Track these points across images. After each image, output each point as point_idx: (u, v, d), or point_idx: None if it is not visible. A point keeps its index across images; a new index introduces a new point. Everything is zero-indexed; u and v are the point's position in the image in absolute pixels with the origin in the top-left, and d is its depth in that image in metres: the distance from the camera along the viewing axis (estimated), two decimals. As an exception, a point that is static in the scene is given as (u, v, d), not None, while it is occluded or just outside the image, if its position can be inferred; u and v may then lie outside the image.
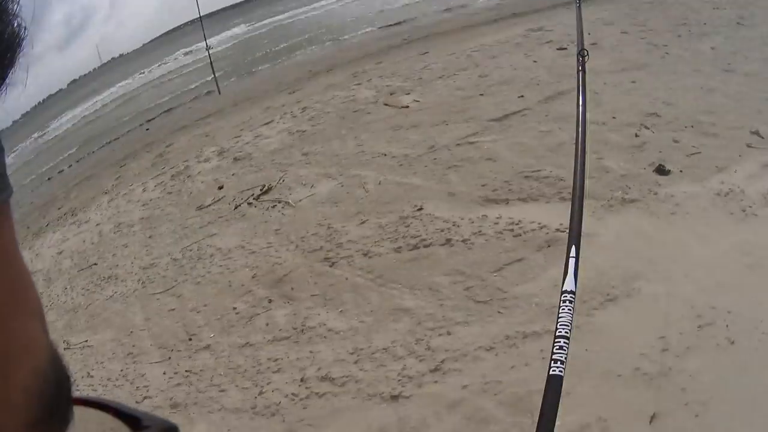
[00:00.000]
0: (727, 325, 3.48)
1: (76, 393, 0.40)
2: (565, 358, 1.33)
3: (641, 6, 14.00)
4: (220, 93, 15.31)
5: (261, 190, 6.41)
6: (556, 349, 1.36)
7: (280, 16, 37.98)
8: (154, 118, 16.32)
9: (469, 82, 8.20)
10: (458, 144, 6.09)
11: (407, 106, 7.65)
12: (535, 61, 8.82)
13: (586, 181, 4.88)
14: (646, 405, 3.13)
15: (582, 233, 4.34)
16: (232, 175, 7.31)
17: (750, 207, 4.56)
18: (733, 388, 3.17)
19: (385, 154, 6.23)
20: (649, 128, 5.90)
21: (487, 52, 10.01)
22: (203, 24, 17.74)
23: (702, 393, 3.15)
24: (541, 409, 1.28)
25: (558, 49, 9.50)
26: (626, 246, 4.23)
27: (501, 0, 16.74)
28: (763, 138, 5.65)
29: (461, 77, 8.57)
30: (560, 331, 1.39)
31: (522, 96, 7.17)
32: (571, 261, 1.55)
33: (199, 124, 11.71)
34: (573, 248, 1.58)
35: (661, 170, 5.13)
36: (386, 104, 7.95)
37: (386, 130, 6.97)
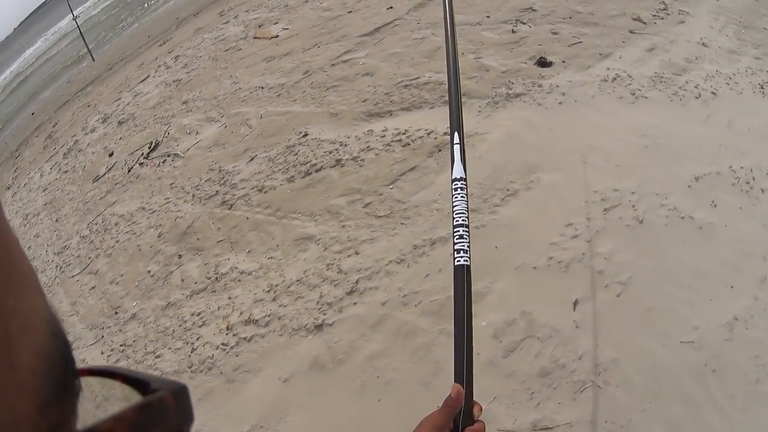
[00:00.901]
0: (633, 206, 3.52)
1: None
2: (468, 247, 1.25)
3: None
4: (94, 60, 14.48)
5: (149, 147, 6.02)
6: (457, 238, 1.27)
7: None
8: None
9: (336, 2, 7.87)
10: (333, 64, 5.83)
11: (277, 36, 7.27)
12: None
13: (468, 82, 4.79)
14: (567, 292, 3.13)
15: (470, 131, 4.24)
16: (120, 139, 6.86)
17: (639, 90, 4.58)
18: (649, 264, 3.22)
19: (262, 87, 5.91)
20: (525, 23, 5.78)
21: (352, -32, 9.66)
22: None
23: (620, 273, 3.17)
24: (454, 302, 1.19)
25: None
26: (518, 140, 4.15)
27: None
28: (645, 24, 5.68)
29: (328, -2, 8.19)
30: (457, 220, 1.30)
31: (391, 7, 6.91)
32: (456, 148, 1.46)
33: (79, 96, 11.07)
34: (456, 135, 1.48)
35: (542, 62, 5.06)
36: (256, 37, 7.54)
37: (260, 63, 6.62)
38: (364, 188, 4.07)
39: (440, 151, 4.20)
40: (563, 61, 5.04)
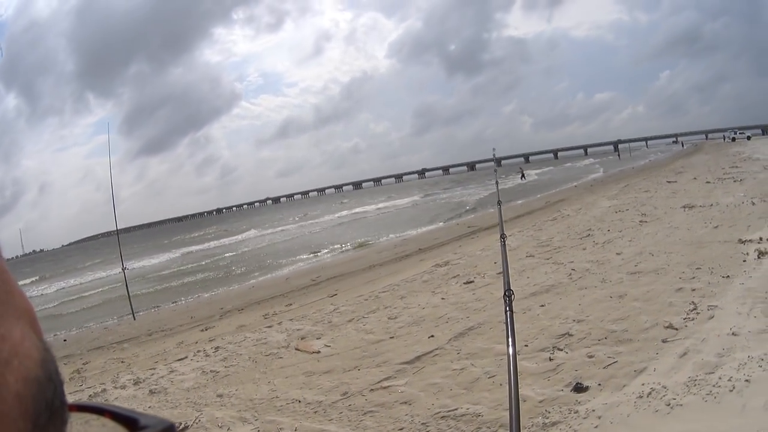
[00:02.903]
0: None
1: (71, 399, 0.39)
2: None
3: (544, 225, 14.85)
4: (135, 319, 14.76)
5: (179, 427, 5.96)
6: None
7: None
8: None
9: (378, 325, 8.24)
10: (372, 389, 5.94)
11: (318, 351, 7.52)
12: (443, 298, 9.02)
13: (504, 413, 4.87)
14: None
15: None
16: (149, 407, 6.78)
17: (674, 399, 4.59)
18: None
19: (299, 401, 5.96)
20: (562, 349, 5.97)
21: (395, 292, 10.25)
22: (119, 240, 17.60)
23: None
24: None
25: (465, 283, 9.79)
26: None
27: (407, 235, 17.47)
28: (677, 329, 5.85)
29: (371, 320, 8.62)
30: None
31: (432, 336, 7.21)
32: None
33: (114, 348, 11.10)
34: None
35: (578, 388, 5.10)
36: (298, 349, 7.80)
37: (299, 376, 6.75)
38: None
39: None
40: (599, 384, 5.08)
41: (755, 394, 4.47)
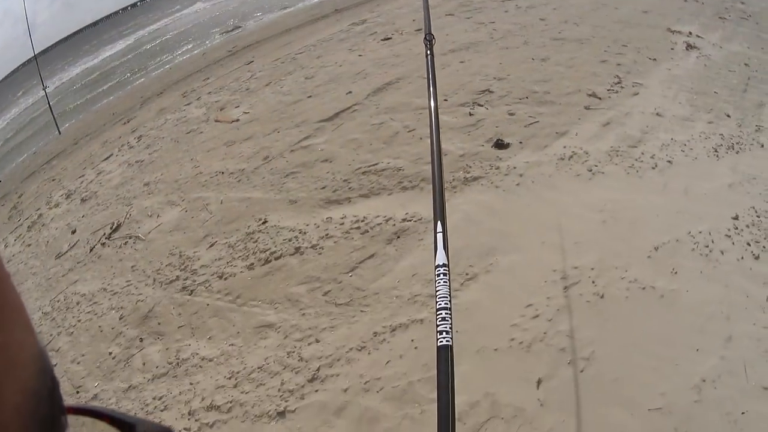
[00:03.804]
0: (593, 281, 3.48)
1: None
2: (450, 328, 1.31)
3: None
4: (60, 132, 14.16)
5: (111, 228, 5.84)
6: (440, 320, 1.32)
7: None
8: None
9: (296, 86, 7.91)
10: (292, 150, 5.79)
11: (238, 120, 7.23)
12: (360, 56, 8.66)
13: (426, 167, 4.81)
14: (530, 372, 3.06)
15: (428, 216, 4.21)
16: (82, 217, 6.65)
17: (596, 166, 4.61)
18: (612, 337, 3.17)
19: (222, 172, 5.83)
20: (482, 105, 5.84)
21: (311, 53, 9.79)
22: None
23: (583, 349, 3.12)
24: (437, 381, 1.24)
25: (383, 40, 9.35)
26: (476, 223, 4.11)
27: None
28: (600, 99, 5.78)
29: (288, 82, 8.26)
30: (440, 303, 1.36)
31: (350, 92, 6.96)
32: (439, 236, 1.52)
33: (44, 169, 10.73)
34: (439, 224, 1.54)
35: (499, 144, 5.05)
36: (217, 120, 7.49)
37: (220, 147, 6.55)
38: (323, 276, 3.98)
39: (398, 238, 4.15)
40: (520, 142, 5.06)
41: (677, 176, 4.44)
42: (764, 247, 3.68)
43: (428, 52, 2.35)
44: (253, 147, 6.18)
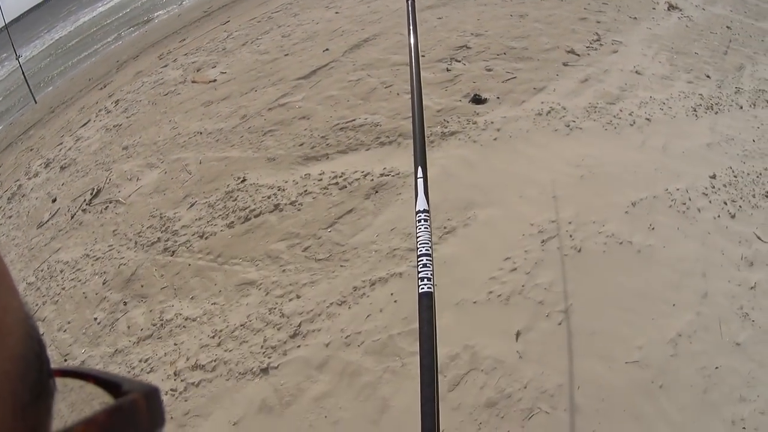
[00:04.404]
0: (570, 235, 3.50)
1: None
2: (431, 275, 1.29)
3: None
4: (36, 102, 13.88)
5: (91, 194, 5.75)
6: (421, 267, 1.31)
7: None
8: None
9: (272, 45, 7.77)
10: (270, 108, 5.70)
11: (215, 80, 7.09)
12: (336, 13, 8.52)
13: (404, 122, 4.76)
14: (509, 324, 3.08)
15: (406, 171, 4.19)
16: (62, 185, 6.55)
17: (574, 121, 4.60)
18: (589, 290, 3.20)
19: (201, 132, 5.73)
20: (460, 61, 5.79)
21: (288, 11, 9.61)
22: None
23: (560, 302, 3.15)
24: (419, 329, 1.21)
25: None
26: (454, 177, 4.10)
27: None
28: (578, 55, 5.75)
29: (264, 40, 8.10)
30: (421, 250, 1.35)
31: (327, 49, 6.85)
32: (420, 182, 1.51)
33: (22, 139, 10.51)
34: (419, 170, 1.52)
35: (477, 100, 5.03)
36: (194, 81, 7.35)
37: (198, 108, 6.43)
38: (302, 232, 3.95)
39: (377, 192, 4.13)
40: (498, 98, 5.04)
41: (655, 133, 4.44)
42: (740, 207, 3.73)
43: (409, 2, 2.29)
44: (231, 106, 6.08)
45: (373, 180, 4.24)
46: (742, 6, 7.86)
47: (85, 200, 5.74)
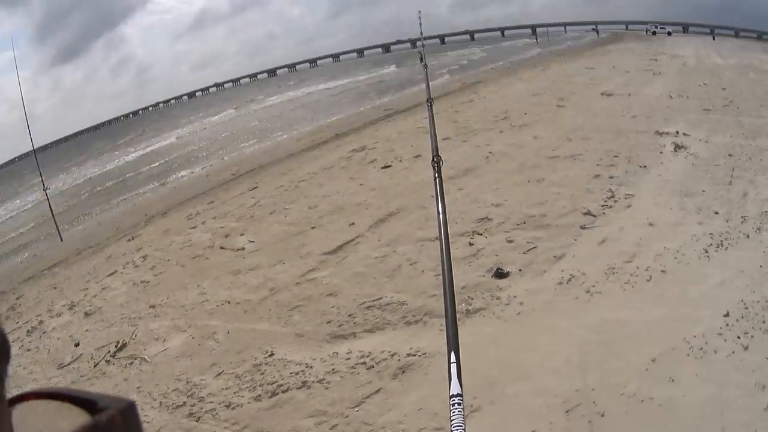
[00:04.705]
0: (593, 402, 3.55)
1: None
2: None
3: (460, 107, 14.66)
4: (62, 240, 14.19)
5: (116, 346, 5.93)
6: None
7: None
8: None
9: (299, 215, 8.20)
10: (297, 283, 6.00)
11: (243, 248, 7.51)
12: (361, 184, 8.96)
13: (429, 300, 4.94)
14: None
15: (432, 351, 4.35)
16: (86, 330, 6.69)
17: (593, 286, 4.73)
18: None
19: (229, 302, 6.00)
20: (481, 234, 6.02)
21: (313, 180, 10.11)
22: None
23: None
24: None
25: (383, 168, 9.74)
26: (479, 355, 4.18)
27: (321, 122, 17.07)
28: (595, 216, 5.97)
29: (292, 211, 8.56)
30: None
31: (353, 224, 7.22)
32: (453, 366, 1.58)
33: (45, 275, 10.67)
34: (452, 354, 1.61)
35: (499, 274, 5.14)
36: (222, 248, 7.76)
37: (226, 275, 6.75)
38: (330, 410, 4.06)
39: (404, 372, 4.25)
40: (519, 270, 5.18)
41: (671, 284, 4.65)
42: (752, 336, 3.84)
43: (436, 175, 2.55)
44: (259, 278, 6.38)
45: (400, 360, 4.38)
46: (739, 128, 8.28)
47: (109, 351, 5.89)
